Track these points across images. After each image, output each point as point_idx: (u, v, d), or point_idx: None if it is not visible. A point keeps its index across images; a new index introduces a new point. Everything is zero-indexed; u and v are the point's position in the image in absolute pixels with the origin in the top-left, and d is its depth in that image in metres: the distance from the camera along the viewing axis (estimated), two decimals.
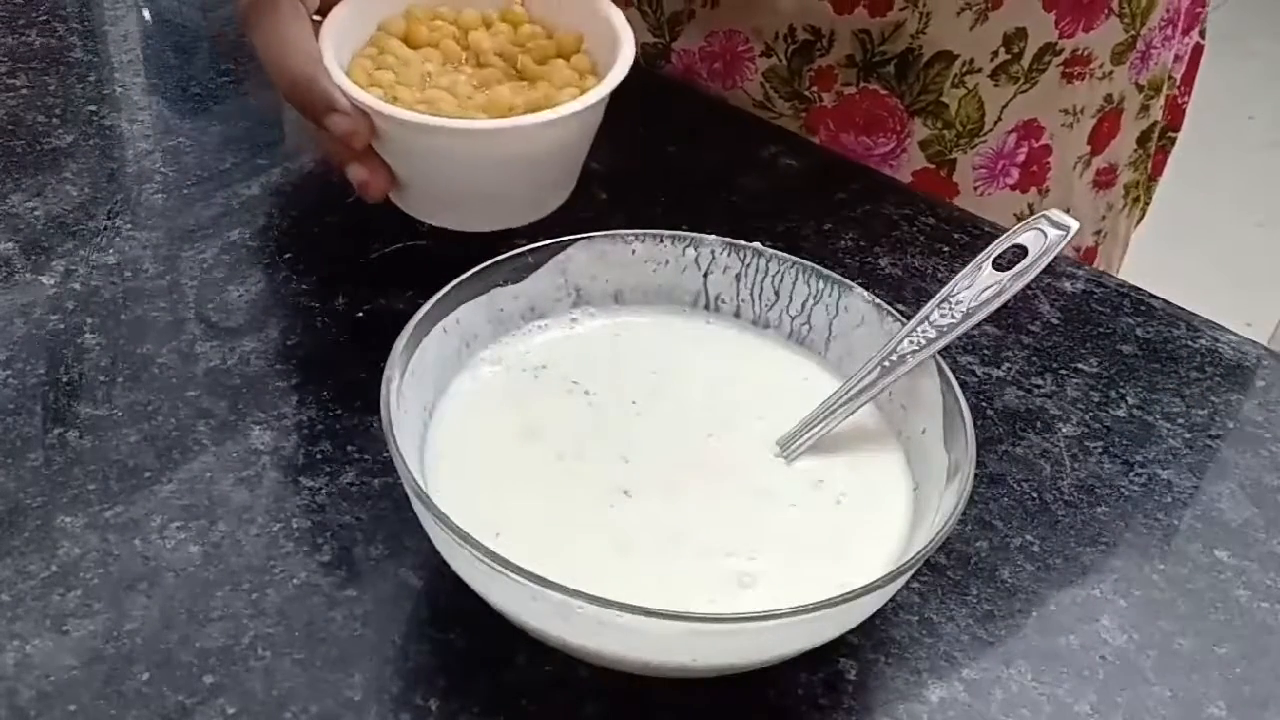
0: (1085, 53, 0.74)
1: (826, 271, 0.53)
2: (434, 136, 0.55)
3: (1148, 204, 0.88)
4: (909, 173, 0.75)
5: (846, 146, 0.75)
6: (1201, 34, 0.85)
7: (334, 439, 0.53)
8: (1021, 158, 0.76)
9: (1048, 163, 0.77)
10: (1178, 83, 0.84)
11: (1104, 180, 0.81)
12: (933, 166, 0.75)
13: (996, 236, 0.51)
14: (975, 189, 0.76)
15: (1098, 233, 0.83)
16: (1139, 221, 0.88)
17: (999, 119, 0.74)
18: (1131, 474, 0.55)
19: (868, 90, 0.73)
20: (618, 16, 0.60)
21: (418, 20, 0.61)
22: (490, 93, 0.58)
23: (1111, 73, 0.76)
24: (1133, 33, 0.75)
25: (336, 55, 0.57)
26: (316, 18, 0.58)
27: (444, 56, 0.60)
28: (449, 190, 0.59)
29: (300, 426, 0.53)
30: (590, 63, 0.60)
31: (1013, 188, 0.77)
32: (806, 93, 0.74)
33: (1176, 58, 0.82)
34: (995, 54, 0.72)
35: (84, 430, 0.53)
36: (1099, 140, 0.78)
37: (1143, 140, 0.82)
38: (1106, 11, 0.73)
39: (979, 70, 0.72)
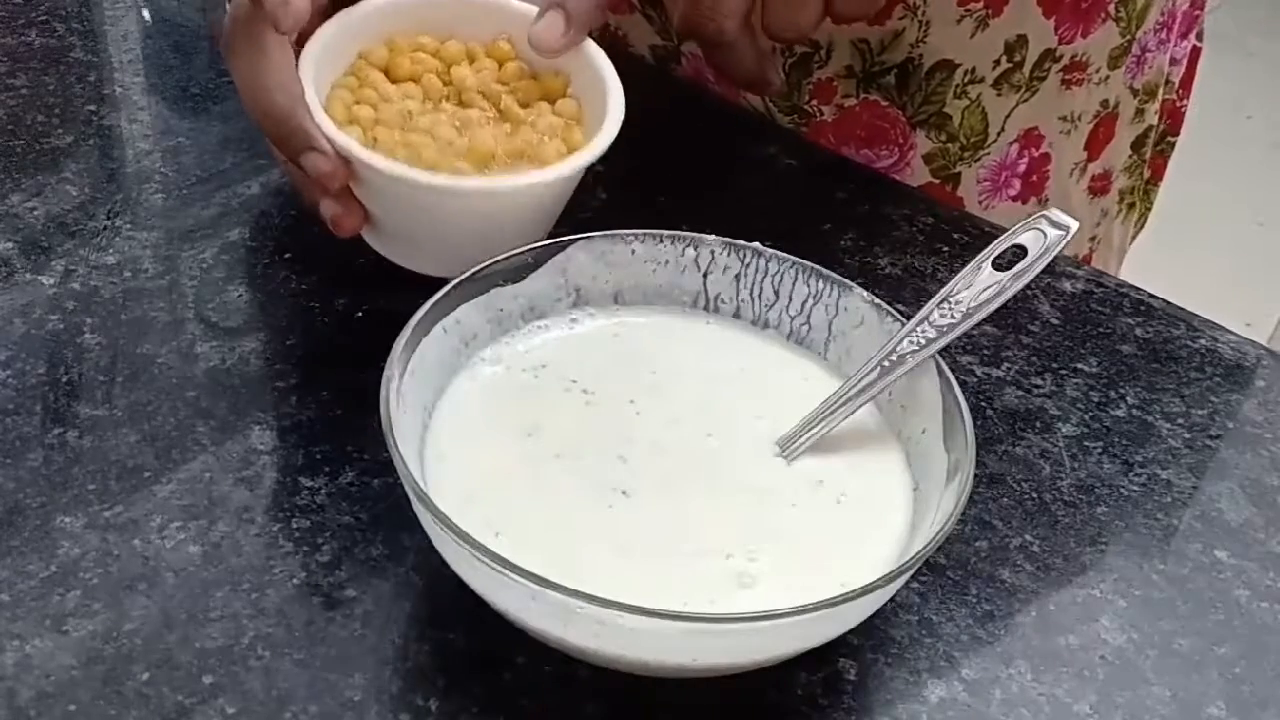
0: (1083, 58, 0.74)
1: (826, 271, 0.53)
2: (413, 189, 0.53)
3: (1148, 210, 0.88)
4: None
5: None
6: (1199, 37, 0.85)
7: (334, 439, 0.53)
8: (1023, 168, 0.76)
9: (1047, 171, 0.77)
10: (1176, 87, 0.84)
11: (1099, 186, 0.81)
12: (937, 181, 0.75)
13: (996, 236, 0.51)
14: (980, 202, 0.76)
15: (1093, 239, 0.83)
16: (1140, 229, 0.88)
17: (1002, 129, 0.74)
18: (1131, 474, 0.55)
19: (868, 102, 0.73)
20: (606, 66, 0.58)
21: (400, 51, 0.59)
22: (472, 138, 0.56)
23: (1108, 77, 0.76)
24: (1129, 37, 0.75)
25: (315, 83, 0.55)
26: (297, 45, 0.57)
27: (425, 93, 0.58)
28: (422, 237, 0.57)
29: (300, 426, 0.53)
30: (575, 108, 0.59)
31: (1014, 199, 0.77)
32: (806, 106, 0.74)
33: (1174, 61, 0.82)
34: (997, 62, 0.72)
35: (84, 430, 0.53)
36: (1095, 146, 0.78)
37: (1137, 145, 0.82)
38: (1104, 16, 0.73)
39: (981, 80, 0.72)
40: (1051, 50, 0.72)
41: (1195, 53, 0.85)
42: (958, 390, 0.48)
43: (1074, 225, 0.50)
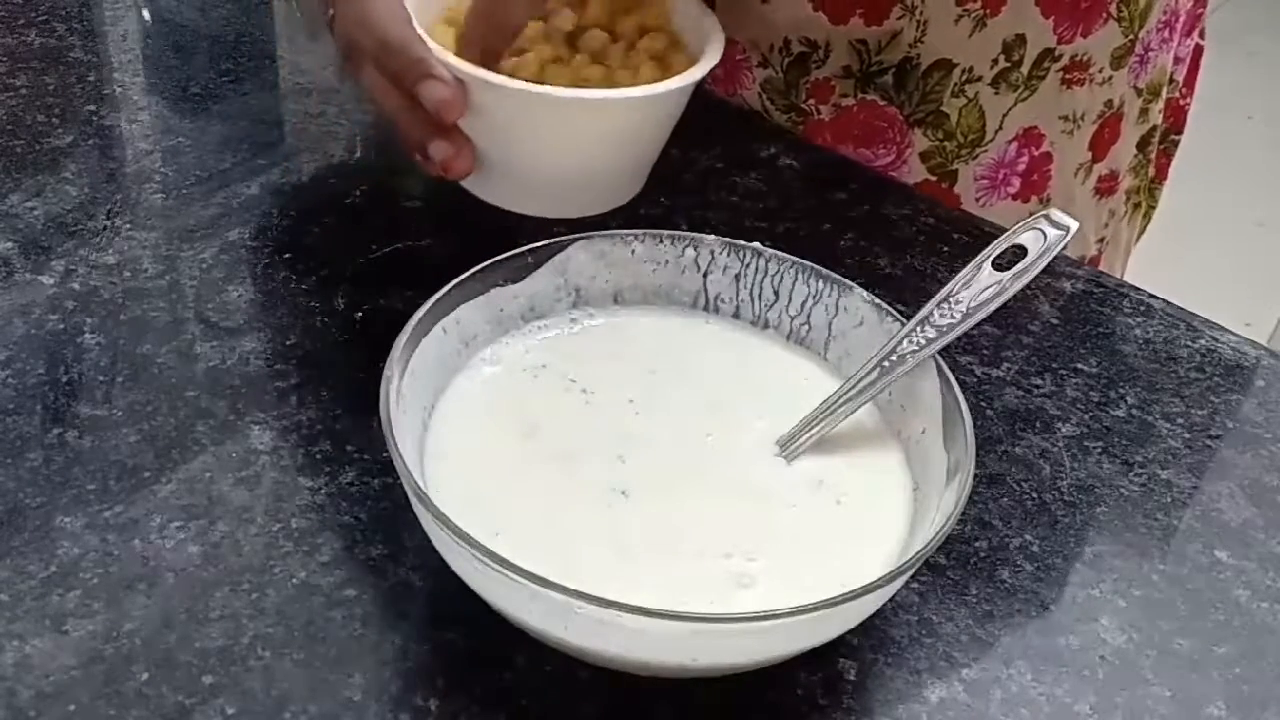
0: (1084, 58, 0.74)
1: (826, 271, 0.53)
2: (544, 107, 0.53)
3: (1153, 208, 0.88)
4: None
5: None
6: (1201, 34, 0.85)
7: (334, 439, 0.53)
8: (1023, 166, 0.76)
9: (1049, 171, 0.77)
10: (1179, 85, 0.84)
11: (1106, 187, 0.80)
12: (934, 179, 0.75)
13: (996, 236, 0.51)
14: (977, 200, 0.76)
15: (1100, 240, 0.83)
16: (1144, 228, 0.88)
17: (1000, 128, 0.74)
18: (1131, 474, 0.55)
19: (866, 101, 0.73)
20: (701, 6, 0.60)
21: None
22: (572, 67, 0.57)
23: (1111, 77, 0.75)
24: (1131, 36, 0.75)
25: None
26: None
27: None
28: (535, 169, 0.57)
29: (300, 426, 0.53)
30: (666, 38, 0.60)
31: (1014, 197, 0.77)
32: (803, 105, 0.74)
33: (1178, 60, 0.82)
34: (995, 61, 0.72)
35: (84, 430, 0.53)
36: (1100, 146, 0.78)
37: (1142, 145, 0.82)
38: (1105, 15, 0.73)
39: (979, 79, 0.72)
40: (1051, 50, 0.72)
41: (1198, 50, 0.85)
42: (958, 390, 0.48)
43: (1074, 225, 0.50)
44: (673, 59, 0.60)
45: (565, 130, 0.55)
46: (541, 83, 0.56)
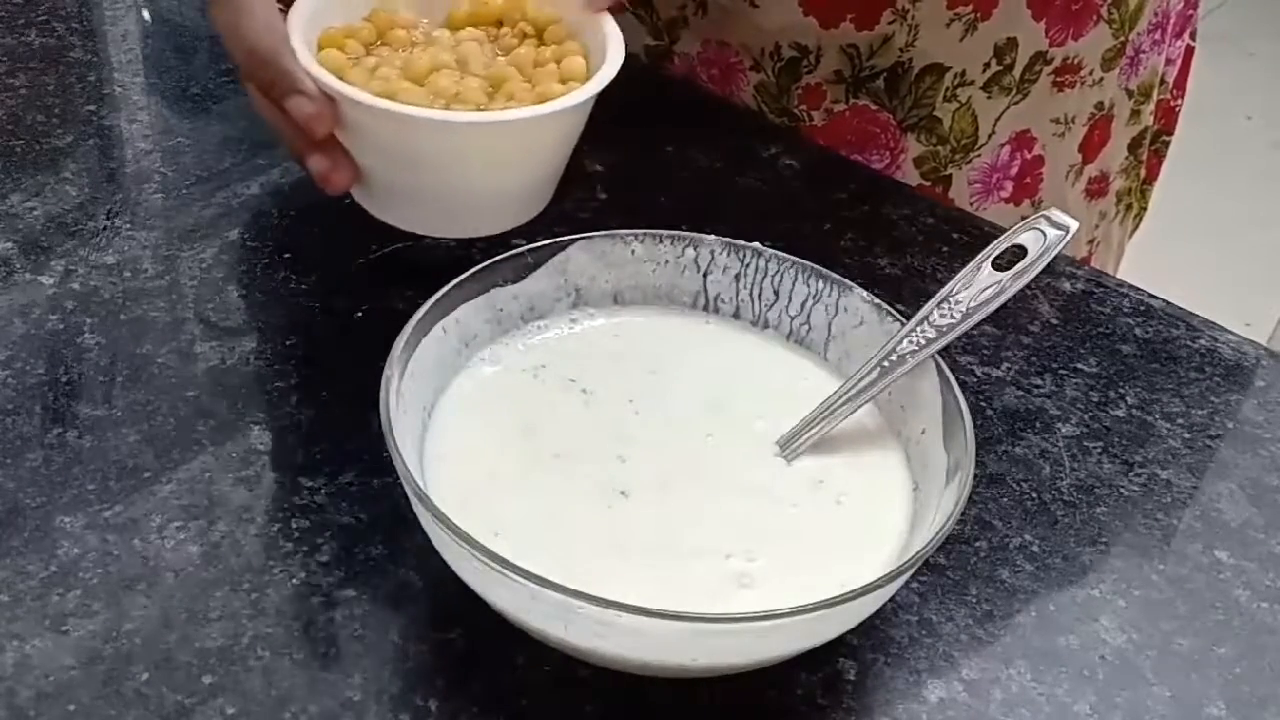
0: (1075, 60, 0.74)
1: (826, 271, 0.53)
2: (409, 128, 0.51)
3: (1144, 209, 0.88)
4: None
5: None
6: (1192, 36, 0.85)
7: (333, 439, 0.53)
8: (1015, 170, 0.76)
9: (1040, 174, 0.77)
10: (1170, 86, 0.84)
11: (1096, 189, 0.81)
12: (928, 184, 0.75)
13: (995, 236, 0.51)
14: (970, 204, 0.76)
15: (1091, 241, 0.83)
16: (1135, 228, 0.88)
17: (992, 132, 0.74)
18: (1131, 474, 0.55)
19: (858, 107, 0.73)
20: (609, 20, 0.58)
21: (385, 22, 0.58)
22: (462, 85, 0.55)
23: (1101, 79, 0.76)
24: (1122, 38, 0.75)
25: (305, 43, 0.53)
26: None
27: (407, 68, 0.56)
28: (417, 188, 0.55)
29: (300, 426, 0.53)
30: (575, 47, 0.58)
31: (1006, 200, 0.77)
32: (796, 110, 0.74)
33: (1169, 61, 0.82)
34: (987, 65, 0.72)
35: (84, 430, 0.52)
36: (1090, 148, 0.78)
37: (1134, 147, 0.82)
38: (1095, 18, 0.73)
39: (971, 83, 0.72)
40: (1042, 53, 0.72)
41: (1189, 51, 0.85)
42: (957, 390, 0.48)
43: (1074, 225, 0.50)
44: (569, 64, 0.57)
45: (441, 151, 0.53)
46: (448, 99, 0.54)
